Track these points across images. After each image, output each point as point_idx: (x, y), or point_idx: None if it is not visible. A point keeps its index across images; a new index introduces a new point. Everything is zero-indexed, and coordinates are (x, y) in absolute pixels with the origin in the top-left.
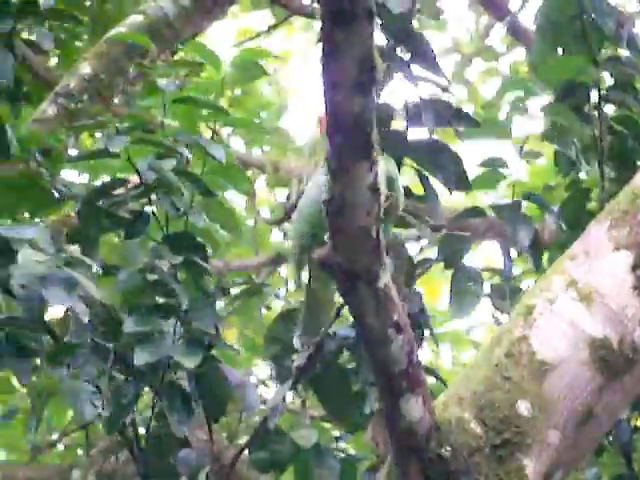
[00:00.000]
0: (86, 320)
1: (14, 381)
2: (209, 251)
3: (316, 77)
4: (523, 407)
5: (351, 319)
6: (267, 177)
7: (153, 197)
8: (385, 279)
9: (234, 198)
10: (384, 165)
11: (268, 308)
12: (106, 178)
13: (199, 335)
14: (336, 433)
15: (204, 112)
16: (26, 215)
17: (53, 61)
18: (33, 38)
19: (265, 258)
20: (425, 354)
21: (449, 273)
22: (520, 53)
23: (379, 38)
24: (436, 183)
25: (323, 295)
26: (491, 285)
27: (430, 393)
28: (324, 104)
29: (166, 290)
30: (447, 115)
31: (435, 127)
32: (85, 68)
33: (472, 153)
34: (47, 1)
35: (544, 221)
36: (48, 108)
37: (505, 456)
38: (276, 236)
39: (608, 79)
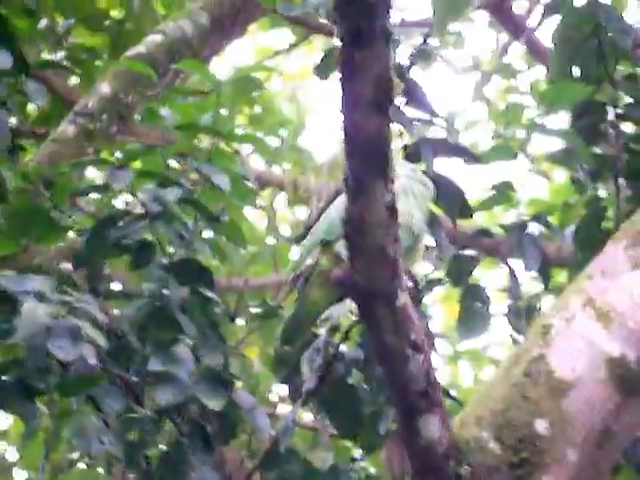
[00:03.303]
0: (94, 362)
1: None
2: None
3: (335, 96)
4: (541, 426)
5: (359, 340)
6: (287, 195)
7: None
8: (403, 298)
9: (254, 217)
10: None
11: None
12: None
13: (220, 374)
14: (356, 453)
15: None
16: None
17: (73, 80)
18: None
19: (284, 276)
20: (445, 373)
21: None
22: (540, 71)
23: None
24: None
25: (313, 308)
26: (508, 305)
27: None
28: (342, 124)
29: (172, 320)
30: (445, 150)
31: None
32: (104, 88)
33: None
34: (65, 23)
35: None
36: (67, 128)
37: (523, 475)
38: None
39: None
